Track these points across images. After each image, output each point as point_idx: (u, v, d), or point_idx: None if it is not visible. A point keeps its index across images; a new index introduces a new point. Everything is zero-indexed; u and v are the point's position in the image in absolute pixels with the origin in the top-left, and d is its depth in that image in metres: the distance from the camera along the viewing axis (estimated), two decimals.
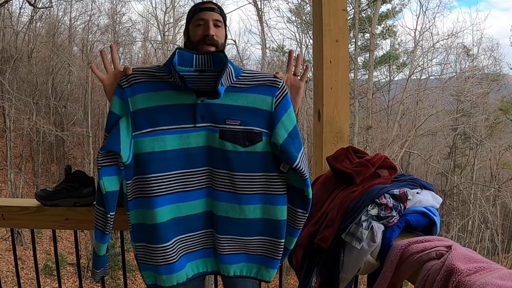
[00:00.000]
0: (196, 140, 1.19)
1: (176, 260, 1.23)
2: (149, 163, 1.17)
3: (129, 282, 10.79)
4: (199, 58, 1.21)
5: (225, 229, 1.24)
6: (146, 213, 1.20)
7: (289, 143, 1.17)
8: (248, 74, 1.21)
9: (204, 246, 1.28)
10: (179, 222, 1.22)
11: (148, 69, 1.21)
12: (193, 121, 1.18)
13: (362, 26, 13.70)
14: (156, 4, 24.96)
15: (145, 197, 1.19)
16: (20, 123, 14.46)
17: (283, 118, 1.19)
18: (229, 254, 1.27)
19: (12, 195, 13.18)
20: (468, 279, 0.91)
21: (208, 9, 1.55)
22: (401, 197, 1.32)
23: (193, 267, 1.29)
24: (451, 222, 14.35)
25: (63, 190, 1.62)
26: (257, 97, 1.19)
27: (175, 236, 1.22)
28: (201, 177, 1.21)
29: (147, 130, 1.17)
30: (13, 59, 13.86)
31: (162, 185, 1.18)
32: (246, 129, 1.18)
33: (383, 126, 15.26)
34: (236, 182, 1.20)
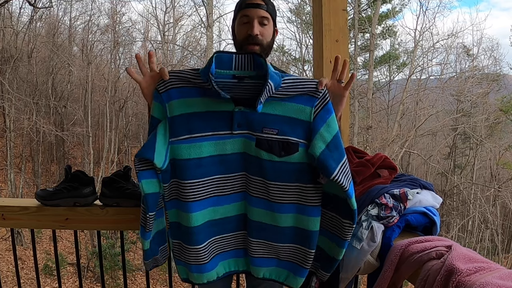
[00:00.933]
0: (232, 147, 1.18)
1: (207, 261, 1.26)
2: (186, 169, 1.18)
3: (129, 282, 10.79)
4: (239, 59, 1.16)
5: (257, 234, 1.25)
6: (182, 215, 1.22)
7: (326, 155, 1.14)
8: (289, 83, 1.16)
9: (236, 246, 1.30)
10: (213, 225, 1.24)
11: (185, 74, 1.18)
12: (230, 128, 1.17)
13: (362, 26, 13.70)
14: (156, 4, 25.03)
15: (182, 201, 1.21)
16: (20, 123, 14.46)
17: (321, 129, 1.15)
18: (260, 257, 1.29)
19: (12, 195, 13.18)
20: (468, 279, 0.91)
21: (254, 6, 1.50)
22: (401, 197, 1.32)
23: (224, 266, 1.32)
24: (451, 222, 14.36)
25: (63, 190, 1.62)
26: (295, 107, 1.16)
27: (208, 238, 1.25)
28: (237, 182, 1.22)
29: (184, 136, 1.17)
30: (13, 59, 13.85)
31: (198, 190, 1.19)
32: (282, 139, 1.15)
33: (383, 126, 15.27)
34: (270, 190, 1.19)
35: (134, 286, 11.14)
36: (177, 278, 11.79)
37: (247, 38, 1.49)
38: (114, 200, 1.64)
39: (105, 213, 1.63)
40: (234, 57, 1.16)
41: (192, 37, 17.82)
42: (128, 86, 16.81)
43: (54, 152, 16.21)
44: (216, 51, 1.16)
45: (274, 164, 1.17)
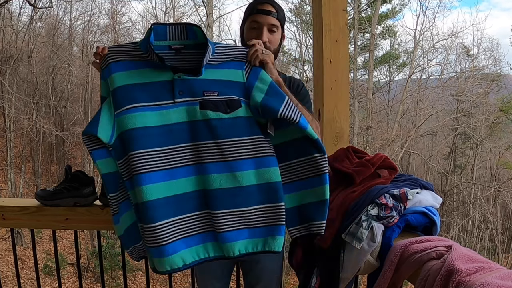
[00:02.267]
0: (177, 116, 1.18)
1: (166, 243, 1.15)
2: (132, 140, 1.15)
3: (129, 282, 10.79)
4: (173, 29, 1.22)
5: (221, 203, 1.18)
6: (135, 192, 1.17)
7: (267, 100, 1.20)
8: (221, 50, 1.25)
9: (201, 230, 1.20)
10: (169, 202, 1.16)
11: (125, 47, 1.21)
12: (172, 97, 1.18)
13: (362, 26, 13.70)
14: (156, 4, 25.00)
15: (134, 175, 1.16)
16: (20, 123, 14.45)
17: (256, 83, 1.24)
18: (230, 230, 1.19)
19: (12, 195, 13.18)
20: (468, 279, 0.91)
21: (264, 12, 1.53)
22: (401, 197, 1.32)
23: (192, 254, 1.21)
24: (451, 222, 14.36)
25: (63, 190, 1.62)
26: (229, 72, 1.24)
27: (166, 218, 1.16)
28: (187, 153, 1.18)
29: (127, 107, 1.16)
30: (13, 59, 13.85)
31: (147, 162, 1.15)
32: (224, 97, 1.20)
33: (383, 126, 15.27)
34: (224, 149, 1.18)
35: (134, 286, 11.14)
36: (177, 278, 11.76)
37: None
38: None
39: (105, 213, 1.63)
40: (168, 28, 1.21)
41: None
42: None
43: (54, 152, 16.21)
44: (153, 23, 1.21)
45: (222, 121, 1.18)
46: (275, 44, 1.56)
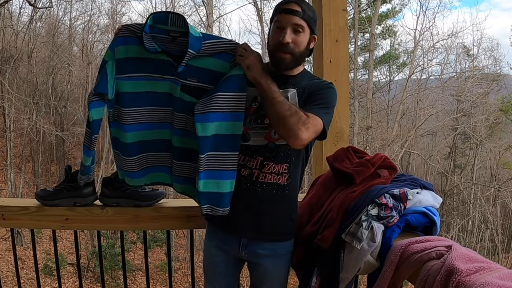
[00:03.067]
0: (163, 87, 1.51)
1: (137, 170, 1.62)
2: (125, 99, 1.52)
3: (129, 282, 10.79)
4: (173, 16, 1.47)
5: (180, 157, 1.58)
6: (120, 133, 1.57)
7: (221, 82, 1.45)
8: (208, 44, 1.45)
9: (163, 164, 1.64)
10: (144, 144, 1.59)
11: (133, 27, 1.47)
12: (162, 73, 1.49)
13: (362, 26, 13.70)
14: (156, 4, 24.92)
15: (121, 123, 1.55)
16: (20, 123, 14.45)
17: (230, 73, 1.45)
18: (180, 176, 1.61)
19: (12, 195, 13.18)
20: (468, 279, 0.91)
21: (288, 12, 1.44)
22: (401, 197, 1.33)
23: (152, 177, 1.67)
24: (451, 222, 14.36)
25: (63, 190, 1.62)
26: (216, 62, 1.47)
27: (139, 153, 1.60)
28: (164, 114, 1.55)
29: (127, 75, 1.50)
30: (13, 59, 13.85)
31: (133, 116, 1.54)
32: (201, 85, 1.48)
33: (383, 126, 15.27)
34: (188, 123, 1.50)
35: (134, 286, 11.14)
36: (177, 278, 11.76)
37: (278, 45, 1.46)
38: (114, 200, 1.64)
39: (105, 213, 1.64)
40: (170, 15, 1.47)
41: None
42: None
43: (54, 152, 16.21)
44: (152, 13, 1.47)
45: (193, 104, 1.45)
46: (300, 46, 1.46)
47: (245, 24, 40.15)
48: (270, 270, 1.56)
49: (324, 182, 1.64)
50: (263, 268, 1.56)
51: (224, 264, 1.61)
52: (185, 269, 12.22)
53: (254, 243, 1.53)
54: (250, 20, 39.01)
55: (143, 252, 9.81)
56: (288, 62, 1.47)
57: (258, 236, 1.52)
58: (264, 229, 1.51)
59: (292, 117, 1.33)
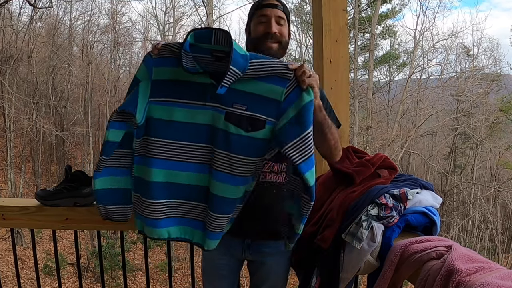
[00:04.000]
0: (203, 118, 1.27)
1: (160, 218, 1.33)
2: (156, 127, 1.28)
3: (129, 282, 10.79)
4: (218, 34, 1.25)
5: (219, 209, 1.31)
6: (144, 170, 1.32)
7: (284, 129, 1.21)
8: (259, 64, 1.23)
9: (195, 217, 1.36)
10: (172, 187, 1.31)
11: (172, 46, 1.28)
12: (204, 100, 1.26)
13: (362, 26, 13.69)
14: (156, 4, 24.98)
15: (147, 156, 1.30)
16: (20, 123, 14.45)
17: (289, 108, 1.22)
18: (218, 232, 1.35)
19: (12, 195, 13.17)
20: (468, 279, 0.91)
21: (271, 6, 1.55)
22: (401, 197, 1.33)
23: (180, 231, 1.38)
24: (451, 222, 14.35)
25: (63, 190, 1.62)
26: (267, 86, 1.24)
27: (165, 198, 1.32)
28: (201, 153, 1.29)
29: (161, 99, 1.27)
30: (13, 59, 13.84)
31: (163, 150, 1.29)
32: (251, 115, 1.24)
33: (383, 126, 15.26)
34: (233, 163, 1.26)
35: (134, 286, 11.14)
36: (177, 278, 11.76)
37: (265, 36, 1.52)
38: None
39: None
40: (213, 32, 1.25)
41: None
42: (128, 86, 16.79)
43: (54, 152, 16.20)
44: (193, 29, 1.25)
45: (240, 138, 1.25)
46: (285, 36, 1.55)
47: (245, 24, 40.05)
48: (274, 268, 1.58)
49: (324, 182, 1.64)
50: (267, 267, 1.58)
51: (228, 267, 1.61)
52: (185, 269, 12.22)
53: (257, 242, 1.55)
54: None
55: (143, 252, 9.80)
56: (275, 51, 1.53)
57: (261, 235, 1.53)
58: (267, 228, 1.52)
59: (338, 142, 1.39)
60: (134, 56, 19.37)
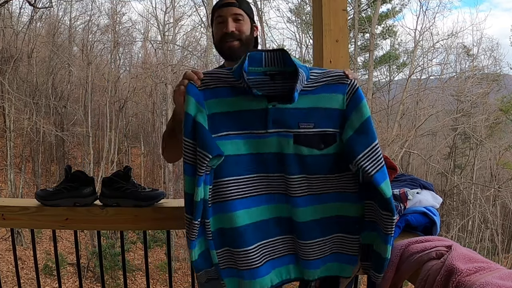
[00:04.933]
0: (269, 146, 1.17)
1: (260, 264, 1.20)
2: (226, 166, 1.16)
3: (129, 282, 10.79)
4: (268, 56, 1.18)
5: (308, 235, 1.21)
6: (224, 217, 1.19)
7: (352, 140, 1.14)
8: (317, 74, 1.17)
9: (285, 252, 1.25)
10: (258, 227, 1.20)
11: (219, 73, 1.19)
12: (265, 127, 1.16)
13: (362, 26, 13.70)
14: (156, 4, 25.02)
15: (223, 201, 1.18)
16: (20, 123, 14.45)
17: (351, 115, 1.16)
18: (315, 259, 1.23)
19: (12, 195, 13.18)
20: (468, 279, 0.91)
21: (225, 5, 1.56)
22: (401, 197, 1.32)
23: (277, 274, 1.25)
24: (451, 222, 14.36)
25: (63, 190, 1.62)
26: (328, 97, 1.16)
27: (256, 241, 1.20)
28: (274, 183, 1.20)
29: (223, 133, 1.16)
30: (13, 59, 13.84)
31: (239, 188, 1.18)
32: (320, 131, 1.16)
33: (383, 126, 15.27)
34: (313, 184, 1.19)
35: (134, 286, 11.14)
36: (177, 278, 11.76)
37: (224, 36, 1.55)
38: (114, 200, 1.64)
39: (105, 213, 1.63)
40: (264, 54, 1.18)
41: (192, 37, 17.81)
42: (128, 86, 16.82)
43: (54, 152, 16.21)
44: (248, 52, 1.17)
45: (315, 158, 1.16)
46: (245, 32, 1.57)
47: None
48: None
49: None
50: None
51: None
52: (185, 269, 12.22)
53: None
54: None
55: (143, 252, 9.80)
56: (237, 48, 1.54)
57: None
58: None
59: None
60: (134, 56, 19.39)
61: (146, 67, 16.56)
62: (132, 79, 16.92)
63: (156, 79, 15.53)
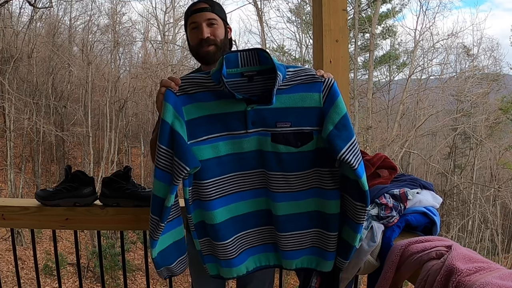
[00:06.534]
0: (249, 145, 1.21)
1: (235, 256, 1.28)
2: (206, 169, 1.21)
3: (129, 282, 10.80)
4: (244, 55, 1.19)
5: (286, 227, 1.27)
6: (205, 214, 1.25)
7: (334, 135, 1.16)
8: (292, 73, 1.20)
9: (264, 241, 1.32)
10: (236, 221, 1.27)
11: (197, 78, 1.21)
12: (245, 127, 1.20)
13: (362, 26, 13.70)
14: (156, 4, 25.03)
15: (203, 201, 1.23)
16: (20, 123, 14.46)
17: (330, 111, 1.18)
18: (291, 250, 1.30)
19: (12, 195, 13.19)
20: (468, 279, 0.91)
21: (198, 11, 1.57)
22: (401, 197, 1.32)
23: (255, 261, 1.34)
24: (451, 222, 14.36)
25: (63, 190, 1.62)
26: (303, 96, 1.19)
27: (233, 234, 1.27)
28: (256, 178, 1.25)
29: (202, 138, 1.20)
30: (13, 59, 13.85)
31: (218, 188, 1.23)
32: (297, 129, 1.19)
33: (383, 126, 15.28)
34: (291, 181, 1.23)
35: (134, 286, 11.15)
36: (177, 278, 11.79)
37: (200, 43, 1.57)
38: (114, 200, 1.64)
39: (105, 213, 1.63)
40: (239, 55, 1.19)
41: None
42: (128, 86, 16.82)
43: (54, 152, 16.22)
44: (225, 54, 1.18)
45: (292, 156, 1.20)
46: (220, 36, 1.58)
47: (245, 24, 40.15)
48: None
49: None
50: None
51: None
52: None
53: None
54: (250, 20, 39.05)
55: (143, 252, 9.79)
56: (213, 53, 1.57)
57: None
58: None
59: None
60: (134, 56, 19.39)
61: (146, 67, 16.56)
62: (132, 79, 16.92)
63: (156, 79, 15.52)
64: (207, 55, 1.58)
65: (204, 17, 1.56)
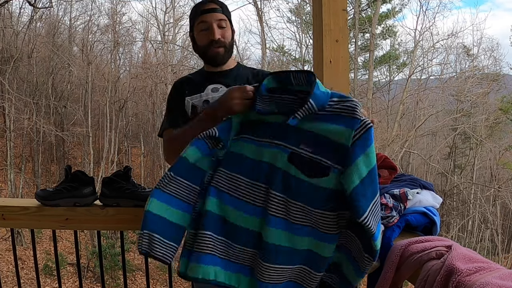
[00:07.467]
0: (268, 155, 1.18)
1: (207, 252, 1.19)
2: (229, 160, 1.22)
3: (129, 282, 10.79)
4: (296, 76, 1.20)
5: (272, 258, 1.17)
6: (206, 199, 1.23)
7: (359, 192, 1.07)
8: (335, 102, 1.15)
9: (243, 262, 1.22)
10: (224, 224, 1.21)
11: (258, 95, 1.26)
12: (271, 137, 1.18)
13: (362, 26, 13.71)
14: (156, 4, 24.97)
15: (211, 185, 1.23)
16: (20, 123, 14.46)
17: (359, 159, 1.08)
18: (269, 283, 1.18)
19: (12, 195, 13.18)
20: (468, 279, 0.91)
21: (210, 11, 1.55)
22: (401, 197, 1.32)
23: (226, 277, 1.22)
24: (451, 222, 14.37)
25: (63, 190, 1.62)
26: (335, 128, 1.11)
27: (214, 232, 1.20)
28: (258, 193, 1.18)
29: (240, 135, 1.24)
30: (13, 59, 13.85)
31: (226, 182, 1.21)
32: (315, 158, 1.12)
33: (383, 126, 15.28)
34: (290, 209, 1.14)
35: (134, 286, 11.15)
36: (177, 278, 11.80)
37: (210, 43, 1.56)
38: (114, 200, 1.64)
39: (105, 213, 1.63)
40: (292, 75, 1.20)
41: None
42: (128, 86, 16.82)
43: (54, 152, 16.22)
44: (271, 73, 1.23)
45: (301, 183, 1.13)
46: (228, 38, 1.58)
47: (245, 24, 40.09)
48: None
49: None
50: None
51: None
52: None
53: None
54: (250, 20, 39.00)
55: None
56: (222, 55, 1.59)
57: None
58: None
59: None
60: (134, 56, 19.39)
61: (146, 67, 16.56)
62: (132, 79, 16.92)
63: (156, 79, 15.54)
64: (216, 56, 1.58)
65: (215, 18, 1.54)
